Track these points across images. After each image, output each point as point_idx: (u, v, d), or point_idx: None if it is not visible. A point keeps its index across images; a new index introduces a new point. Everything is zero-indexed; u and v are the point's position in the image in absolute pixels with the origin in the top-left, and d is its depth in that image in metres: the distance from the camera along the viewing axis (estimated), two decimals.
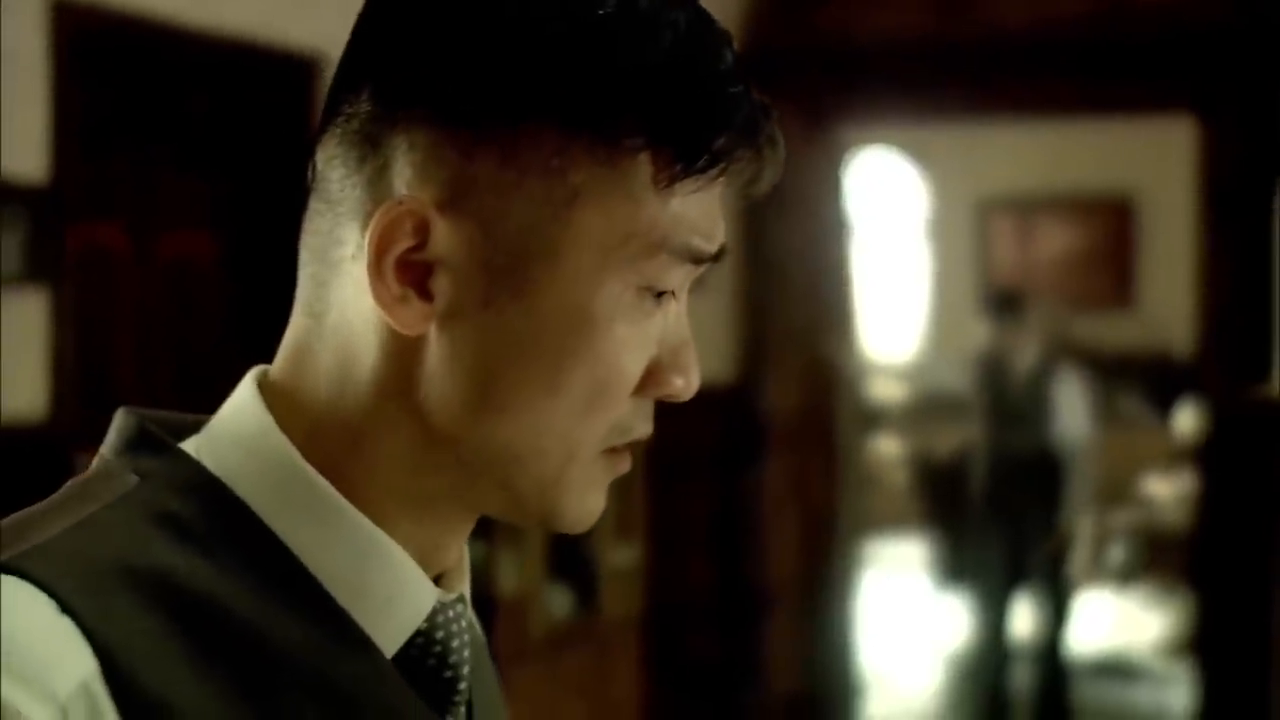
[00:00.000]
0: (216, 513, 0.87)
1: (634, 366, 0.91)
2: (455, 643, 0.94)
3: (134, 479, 0.88)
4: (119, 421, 0.93)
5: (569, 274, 0.88)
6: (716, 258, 0.93)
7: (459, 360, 0.89)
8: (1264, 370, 5.10)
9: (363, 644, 0.89)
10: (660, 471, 5.34)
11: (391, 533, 0.91)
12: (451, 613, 0.94)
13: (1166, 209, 10.45)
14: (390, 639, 0.90)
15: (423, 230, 0.88)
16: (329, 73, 0.96)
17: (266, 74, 4.05)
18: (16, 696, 0.77)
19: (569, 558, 4.99)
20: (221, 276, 4.13)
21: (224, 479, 0.89)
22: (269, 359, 0.95)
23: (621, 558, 5.24)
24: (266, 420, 0.91)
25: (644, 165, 0.88)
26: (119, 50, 3.76)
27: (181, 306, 4.06)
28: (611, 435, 0.92)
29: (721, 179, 0.91)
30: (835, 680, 6.06)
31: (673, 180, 0.89)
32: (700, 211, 0.91)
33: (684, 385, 0.93)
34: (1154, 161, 10.25)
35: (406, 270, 0.88)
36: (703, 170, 0.89)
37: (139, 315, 3.93)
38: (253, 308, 4.01)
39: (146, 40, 3.73)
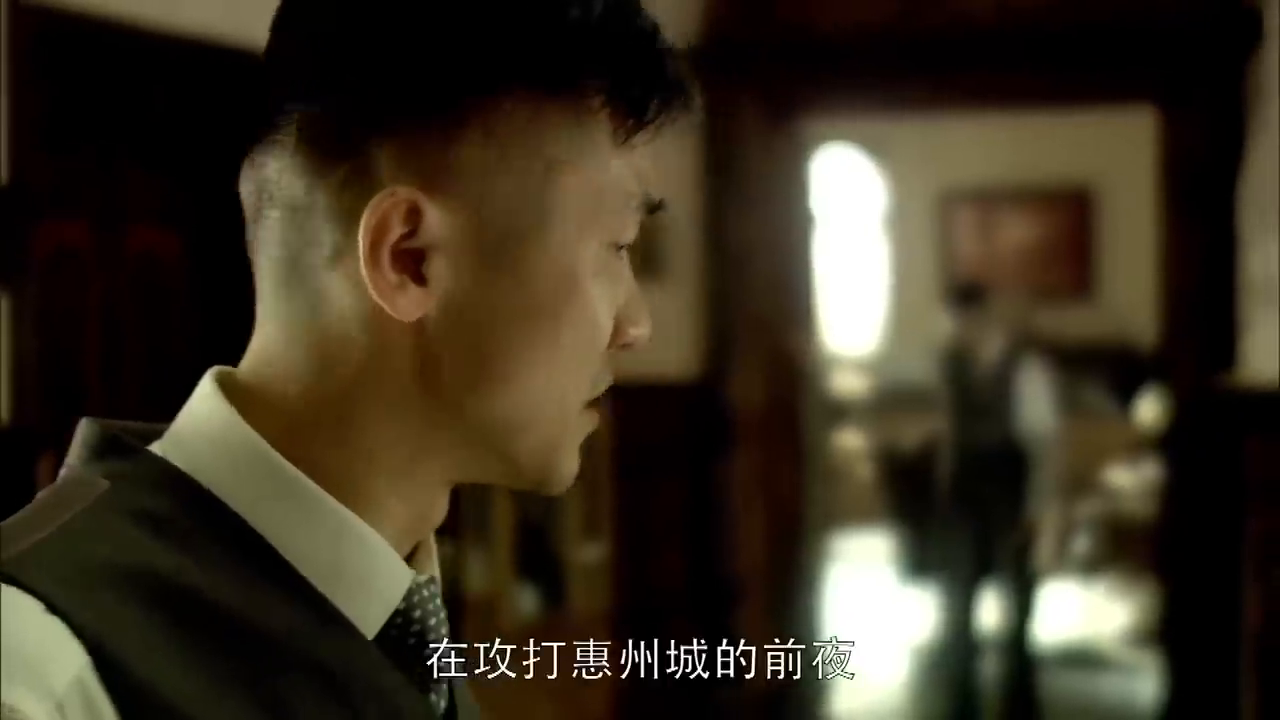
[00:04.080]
0: (190, 507, 0.89)
1: (609, 321, 0.96)
2: (433, 620, 0.96)
3: (105, 483, 0.89)
4: (83, 431, 0.94)
5: (557, 241, 0.93)
6: (661, 205, 0.98)
7: (459, 339, 0.92)
8: (1228, 359, 5.11)
9: (344, 626, 0.91)
10: (627, 467, 5.33)
11: (378, 514, 0.93)
12: (426, 592, 0.96)
13: (1125, 200, 10.49)
14: (370, 621, 0.92)
15: (414, 218, 0.90)
16: None
17: (229, 71, 4.02)
18: (14, 696, 0.78)
19: (537, 556, 4.98)
20: (187, 274, 4.10)
21: (193, 475, 0.91)
22: (237, 356, 0.97)
23: (589, 554, 5.23)
24: (231, 415, 0.92)
25: (604, 123, 0.93)
26: (80, 48, 3.72)
27: (147, 304, 4.02)
28: (590, 390, 0.97)
29: (662, 128, 0.96)
30: (803, 674, 6.05)
31: (629, 134, 0.94)
32: (648, 162, 0.96)
33: (643, 333, 0.99)
34: (1113, 152, 10.28)
35: (400, 259, 0.90)
36: (651, 120, 0.95)
37: (103, 314, 3.90)
38: (219, 305, 3.98)
39: (108, 38, 3.70)
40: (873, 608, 8.39)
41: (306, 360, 0.93)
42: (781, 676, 5.98)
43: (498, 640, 1.04)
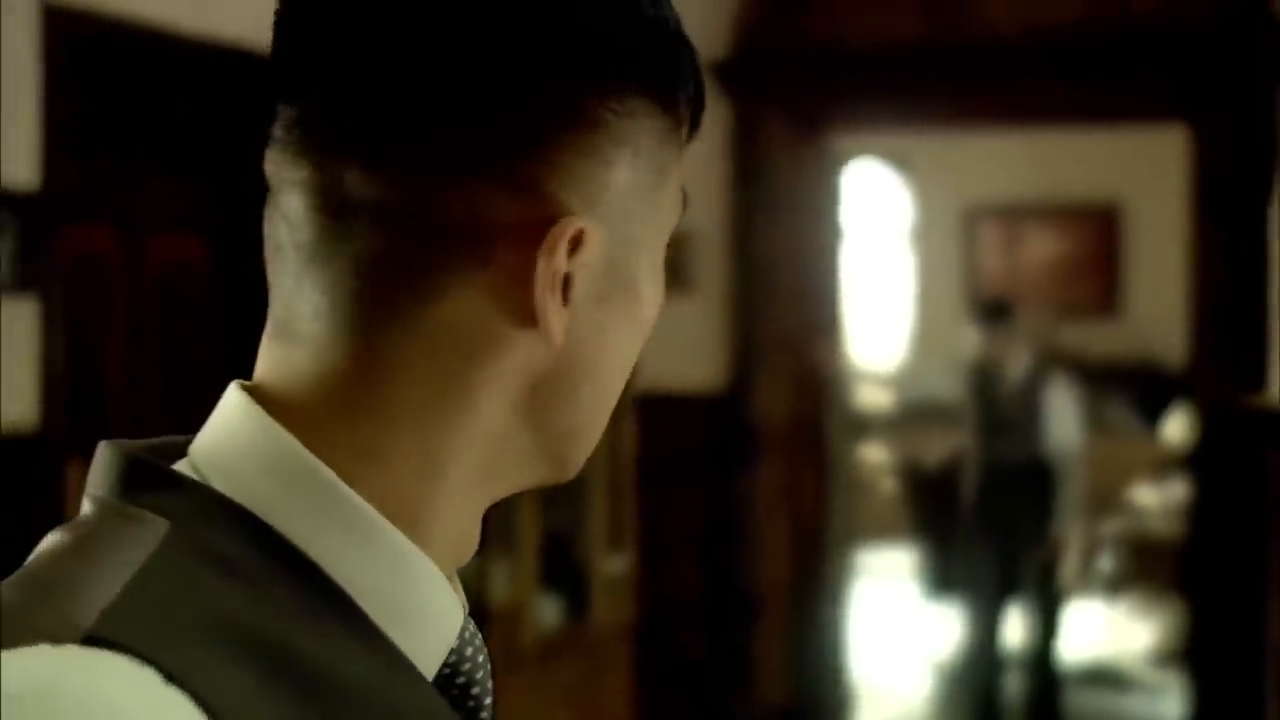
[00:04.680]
0: (252, 544, 0.83)
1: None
2: (481, 658, 0.92)
3: (165, 522, 0.82)
4: (109, 459, 0.87)
5: (656, 253, 0.92)
6: (685, 210, 0.97)
7: (572, 356, 0.89)
8: (1257, 378, 5.09)
9: (413, 671, 0.86)
10: (651, 479, 5.33)
11: (431, 541, 0.88)
12: (470, 630, 0.91)
13: (1152, 217, 10.46)
14: (428, 661, 0.88)
15: (578, 241, 0.87)
16: None
17: (256, 79, 4.03)
18: None
19: (560, 567, 4.97)
20: (211, 280, 4.11)
21: (251, 507, 0.84)
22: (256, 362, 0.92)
23: (613, 566, 5.22)
24: (284, 438, 0.86)
25: (682, 130, 0.92)
26: (110, 55, 3.73)
27: (172, 311, 4.03)
28: None
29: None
30: (825, 689, 6.04)
31: (690, 140, 0.93)
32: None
33: None
34: (1140, 169, 10.26)
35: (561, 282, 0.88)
36: (699, 125, 0.94)
37: (129, 320, 3.90)
38: (242, 312, 3.98)
39: (137, 45, 3.71)
40: (896, 623, 8.37)
41: (377, 376, 0.87)
42: (799, 691, 5.97)
43: (521, 650, 1.00)
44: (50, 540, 0.85)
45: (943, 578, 8.27)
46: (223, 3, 3.86)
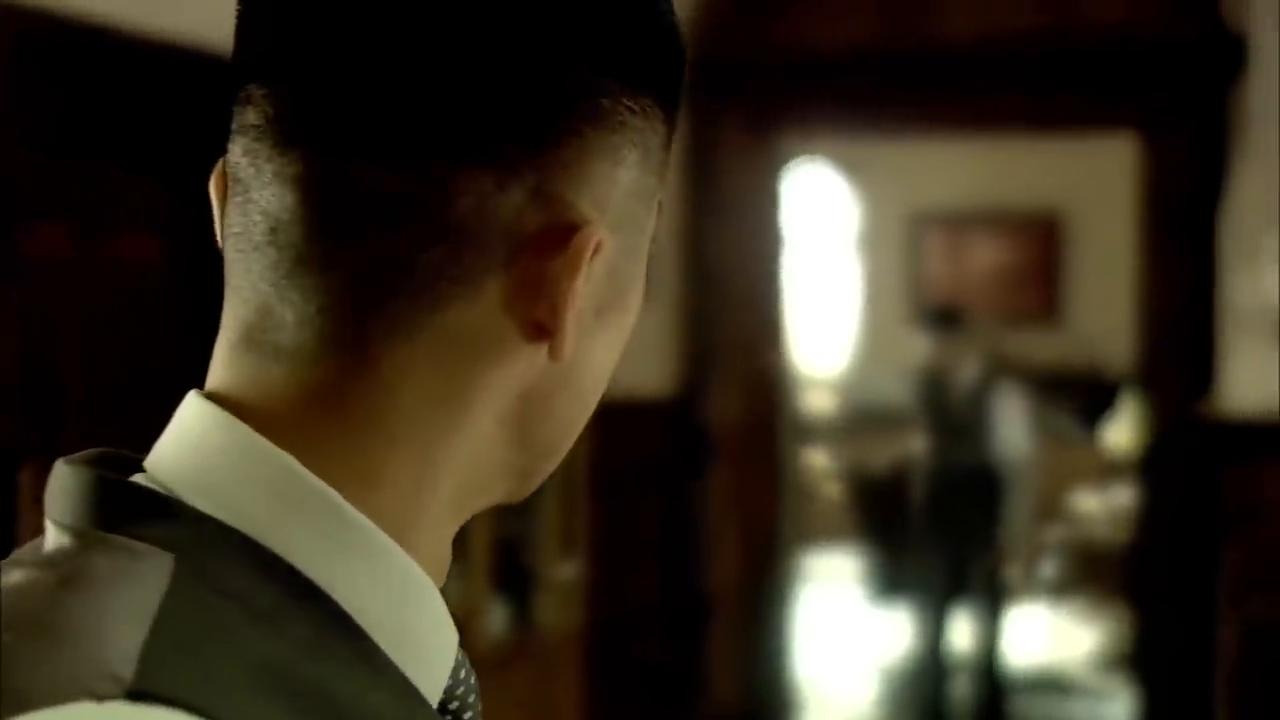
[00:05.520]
0: (267, 579, 0.76)
1: None
2: (472, 680, 0.87)
3: (168, 555, 0.74)
4: (79, 482, 0.79)
5: (645, 259, 0.87)
6: None
7: (574, 372, 0.85)
8: (1206, 386, 5.12)
9: (426, 704, 0.81)
10: (604, 484, 5.31)
11: (421, 562, 0.82)
12: (461, 654, 0.86)
13: (1093, 226, 10.55)
14: (433, 690, 0.83)
15: (596, 251, 0.81)
16: None
17: (213, 78, 4.00)
18: None
19: (511, 573, 4.94)
20: (169, 281, 4.06)
21: (249, 533, 0.77)
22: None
23: (564, 572, 5.19)
24: (289, 463, 0.78)
25: (674, 135, 0.87)
26: (66, 53, 3.69)
27: (128, 311, 3.98)
28: None
29: None
30: (775, 693, 6.04)
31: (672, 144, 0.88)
32: None
33: None
34: (1081, 179, 10.33)
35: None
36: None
37: (84, 321, 3.85)
38: (201, 313, 3.93)
39: (93, 43, 3.66)
40: (842, 628, 8.38)
41: (373, 388, 0.80)
42: (751, 694, 5.96)
43: (474, 656, 0.95)
44: (22, 577, 0.76)
45: (889, 582, 8.29)
46: (182, 2, 3.83)
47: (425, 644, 0.81)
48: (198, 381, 0.84)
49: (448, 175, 0.78)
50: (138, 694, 0.67)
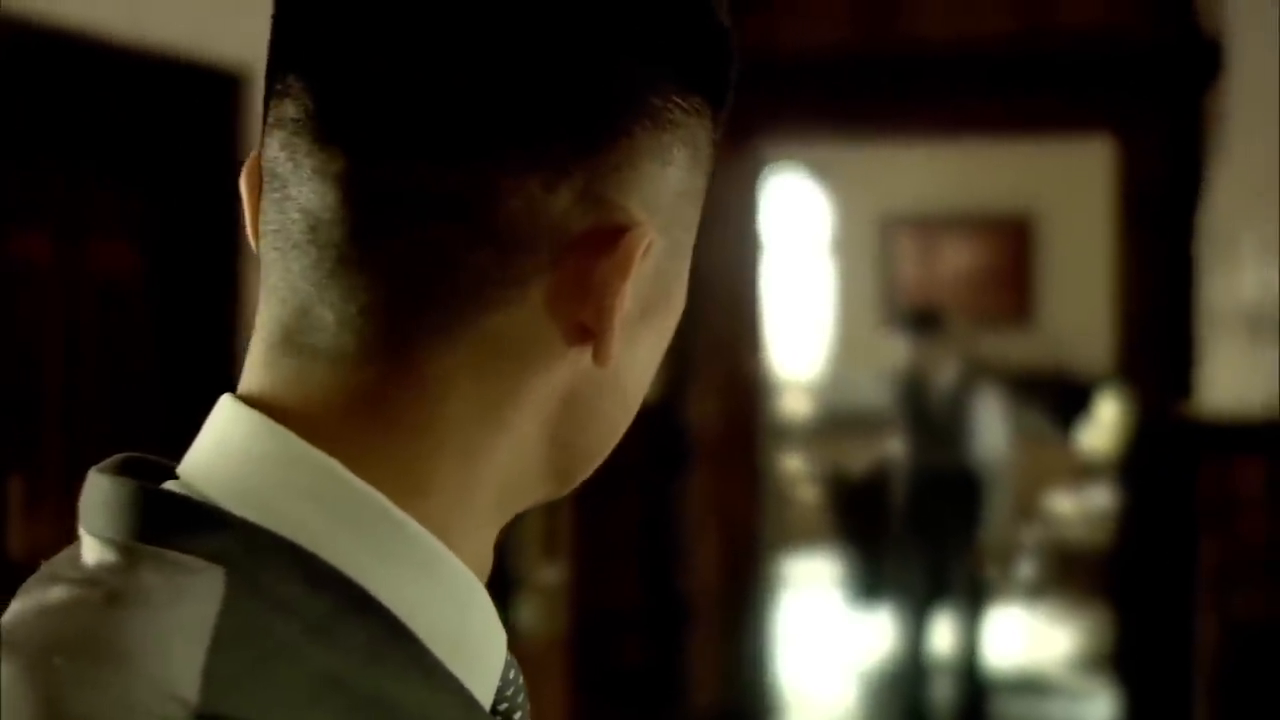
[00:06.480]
0: (321, 589, 0.73)
1: None
2: (521, 680, 0.86)
3: (218, 569, 0.72)
4: (119, 494, 0.76)
5: (689, 259, 0.86)
6: None
7: (617, 375, 0.83)
8: (1183, 386, 5.14)
9: (483, 711, 0.80)
10: (586, 488, 5.30)
11: (467, 566, 0.81)
12: (509, 656, 0.83)
13: (1064, 227, 10.60)
14: (486, 696, 0.81)
15: (646, 251, 0.79)
16: (255, 86, 0.83)
17: (193, 87, 4.00)
18: None
19: (493, 576, 4.94)
20: (148, 289, 4.05)
21: (300, 542, 0.74)
22: (198, 373, 0.84)
23: (548, 575, 5.19)
24: (337, 469, 0.76)
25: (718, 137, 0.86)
26: (46, 62, 3.68)
27: (107, 319, 3.97)
28: None
29: None
30: (755, 696, 6.05)
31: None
32: None
33: None
34: (1053, 181, 10.38)
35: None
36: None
37: (63, 328, 3.84)
38: (179, 322, 3.93)
39: (74, 52, 3.65)
40: (820, 631, 8.39)
41: (418, 393, 0.78)
42: (731, 697, 5.96)
43: None
44: (65, 594, 0.74)
45: (869, 586, 8.30)
46: (162, 11, 3.82)
47: (477, 647, 0.80)
48: (175, 386, 0.83)
49: (496, 176, 0.76)
50: (205, 717, 0.66)
